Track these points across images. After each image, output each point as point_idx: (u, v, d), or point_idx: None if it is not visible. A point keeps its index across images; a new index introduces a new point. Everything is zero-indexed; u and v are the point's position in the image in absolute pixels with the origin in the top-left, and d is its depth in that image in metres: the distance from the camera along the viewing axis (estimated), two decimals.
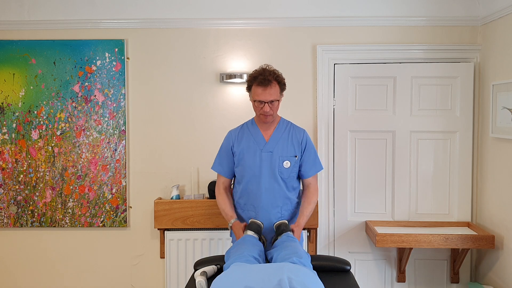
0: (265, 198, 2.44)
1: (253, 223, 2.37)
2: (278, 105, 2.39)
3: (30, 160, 3.35)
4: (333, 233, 3.36)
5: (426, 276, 3.34)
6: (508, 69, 2.86)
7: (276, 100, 2.34)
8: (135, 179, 3.38)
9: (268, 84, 2.31)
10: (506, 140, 2.88)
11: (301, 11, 3.25)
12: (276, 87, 2.34)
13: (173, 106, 3.34)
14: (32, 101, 3.33)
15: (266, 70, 2.35)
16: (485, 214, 3.17)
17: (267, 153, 2.42)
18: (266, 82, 2.30)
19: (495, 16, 3.00)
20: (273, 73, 2.34)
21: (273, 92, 2.32)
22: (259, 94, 2.32)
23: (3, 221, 3.39)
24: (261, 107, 2.34)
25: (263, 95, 2.31)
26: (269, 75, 2.32)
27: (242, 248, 2.13)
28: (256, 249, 2.14)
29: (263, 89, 2.31)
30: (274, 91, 2.32)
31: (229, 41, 3.31)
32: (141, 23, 3.30)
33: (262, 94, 2.31)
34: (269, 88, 2.31)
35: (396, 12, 3.24)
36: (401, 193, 3.31)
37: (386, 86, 3.28)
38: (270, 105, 2.33)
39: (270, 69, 2.36)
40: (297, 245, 2.17)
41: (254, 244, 2.20)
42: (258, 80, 2.32)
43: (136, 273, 3.42)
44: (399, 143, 3.29)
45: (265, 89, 2.31)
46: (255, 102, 2.36)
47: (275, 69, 2.39)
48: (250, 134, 2.47)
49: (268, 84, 2.30)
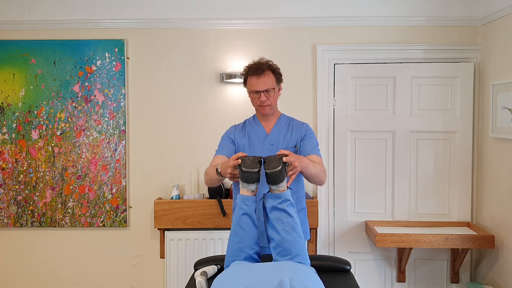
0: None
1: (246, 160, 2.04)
2: (276, 95, 2.38)
3: (30, 160, 3.35)
4: (333, 233, 3.36)
5: (426, 276, 3.35)
6: (508, 69, 2.86)
7: (271, 89, 2.32)
8: (135, 179, 3.38)
9: (262, 72, 2.30)
10: (506, 140, 2.88)
11: (301, 11, 3.26)
12: (270, 75, 2.33)
13: (173, 106, 3.34)
14: (32, 101, 3.33)
15: (260, 61, 2.36)
16: (485, 214, 3.17)
17: (268, 146, 2.40)
18: (259, 71, 2.30)
19: (495, 16, 3.00)
20: (266, 63, 2.35)
21: (268, 81, 2.31)
22: (253, 84, 2.31)
23: (3, 221, 3.39)
24: (257, 97, 2.33)
25: (257, 84, 2.30)
26: (262, 64, 2.33)
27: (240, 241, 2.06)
28: (253, 239, 2.07)
29: (257, 77, 2.30)
30: (268, 79, 2.31)
31: (229, 41, 3.31)
32: (141, 23, 3.30)
33: (257, 83, 2.30)
34: (263, 76, 2.30)
35: (396, 12, 3.24)
36: (401, 193, 3.31)
37: (386, 86, 3.28)
38: (266, 94, 2.32)
39: (264, 60, 2.37)
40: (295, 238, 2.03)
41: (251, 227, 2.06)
42: (252, 70, 2.32)
43: (136, 273, 3.42)
44: (399, 143, 3.29)
45: (259, 77, 2.30)
46: (251, 93, 2.35)
47: (269, 60, 2.38)
48: (252, 128, 2.46)
49: (261, 73, 2.30)
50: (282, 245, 2.00)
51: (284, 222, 2.03)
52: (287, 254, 1.98)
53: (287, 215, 2.04)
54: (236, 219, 2.11)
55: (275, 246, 2.02)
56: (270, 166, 2.02)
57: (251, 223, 2.08)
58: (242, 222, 2.08)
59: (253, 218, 2.09)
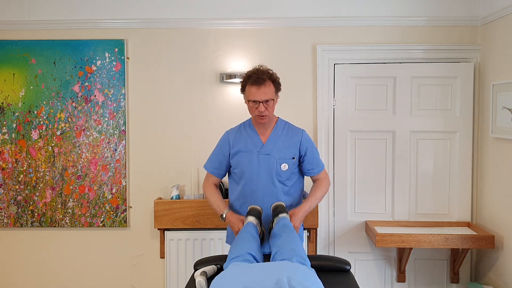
0: (263, 200, 2.39)
1: (253, 209, 2.30)
2: (274, 105, 2.34)
3: (30, 160, 3.35)
4: (333, 233, 3.36)
5: (426, 276, 3.35)
6: (508, 69, 2.86)
7: (271, 99, 2.28)
8: (135, 179, 3.38)
9: (262, 83, 2.26)
10: (506, 140, 2.88)
11: (301, 11, 3.26)
12: (270, 86, 2.28)
13: (173, 106, 3.34)
14: (32, 101, 3.33)
15: (260, 69, 2.30)
16: (485, 214, 3.17)
17: (264, 156, 2.38)
18: (260, 81, 2.25)
19: (495, 16, 3.00)
20: (267, 72, 2.29)
21: (268, 91, 2.27)
22: (253, 93, 2.27)
23: (3, 221, 3.39)
24: (256, 107, 2.28)
25: (257, 94, 2.26)
26: (263, 74, 2.27)
27: (242, 243, 2.10)
28: (255, 244, 2.11)
29: (257, 88, 2.25)
30: (268, 90, 2.27)
31: (229, 41, 3.31)
32: (141, 23, 3.30)
33: (257, 93, 2.26)
34: (263, 87, 2.26)
35: (396, 12, 3.24)
36: (401, 193, 3.31)
37: (386, 86, 3.28)
38: (265, 105, 2.27)
39: (264, 69, 2.31)
40: (295, 241, 2.10)
41: (253, 236, 2.16)
42: (252, 79, 2.27)
43: (136, 273, 3.42)
44: (399, 143, 3.29)
45: (259, 88, 2.25)
46: (250, 103, 2.30)
47: (269, 68, 2.34)
48: (248, 136, 2.42)
49: (262, 83, 2.25)
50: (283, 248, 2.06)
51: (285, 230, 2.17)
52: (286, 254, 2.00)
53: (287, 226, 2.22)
54: (243, 229, 2.23)
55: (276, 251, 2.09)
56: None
57: (255, 233, 2.21)
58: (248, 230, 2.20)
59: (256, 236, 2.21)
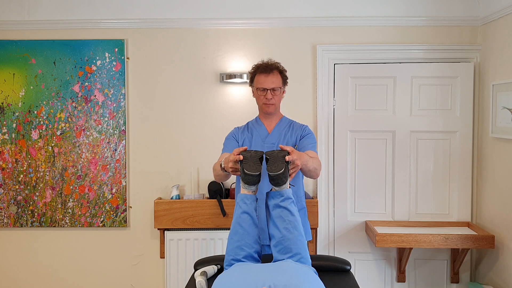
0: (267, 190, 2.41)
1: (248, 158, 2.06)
2: (281, 96, 2.45)
3: (30, 160, 3.35)
4: (333, 233, 3.36)
5: (426, 276, 3.35)
6: (508, 69, 2.86)
7: (278, 88, 2.40)
8: (135, 179, 3.38)
9: (271, 71, 2.40)
10: (506, 140, 2.88)
11: (301, 11, 3.26)
12: (278, 75, 2.42)
13: (173, 106, 3.34)
14: (32, 101, 3.33)
15: (268, 61, 2.46)
16: (485, 214, 3.17)
17: (269, 145, 2.45)
18: (268, 69, 2.40)
19: (495, 16, 3.00)
20: (275, 64, 2.45)
21: (275, 80, 2.40)
22: (262, 81, 2.39)
23: (3, 221, 3.39)
24: (263, 95, 2.40)
25: (265, 82, 2.38)
26: (271, 64, 2.43)
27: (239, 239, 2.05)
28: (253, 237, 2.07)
29: (266, 75, 2.39)
30: (276, 78, 2.40)
31: (229, 41, 3.31)
32: (141, 23, 3.30)
33: (265, 81, 2.39)
34: (271, 75, 2.39)
35: (395, 12, 3.24)
36: (401, 193, 3.31)
37: (386, 86, 3.28)
38: (273, 92, 2.40)
39: (272, 61, 2.47)
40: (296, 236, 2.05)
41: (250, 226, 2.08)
42: (261, 68, 2.42)
43: (136, 273, 3.42)
44: (399, 143, 3.29)
45: (268, 75, 2.39)
46: (258, 91, 2.42)
47: (277, 61, 2.48)
48: (254, 128, 2.52)
49: (270, 72, 2.40)
50: (283, 243, 2.00)
51: (285, 220, 2.04)
52: (287, 252, 1.98)
53: (289, 213, 2.05)
54: (236, 217, 2.11)
55: (276, 244, 2.03)
56: (273, 168, 2.02)
57: (251, 222, 2.09)
58: (242, 220, 2.09)
59: (253, 217, 2.09)
